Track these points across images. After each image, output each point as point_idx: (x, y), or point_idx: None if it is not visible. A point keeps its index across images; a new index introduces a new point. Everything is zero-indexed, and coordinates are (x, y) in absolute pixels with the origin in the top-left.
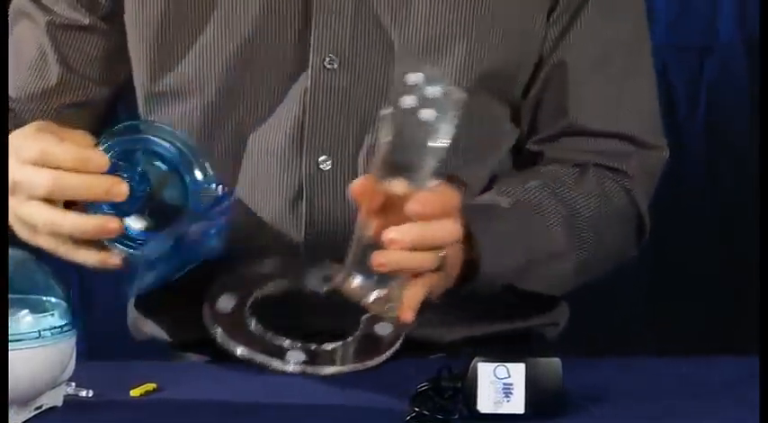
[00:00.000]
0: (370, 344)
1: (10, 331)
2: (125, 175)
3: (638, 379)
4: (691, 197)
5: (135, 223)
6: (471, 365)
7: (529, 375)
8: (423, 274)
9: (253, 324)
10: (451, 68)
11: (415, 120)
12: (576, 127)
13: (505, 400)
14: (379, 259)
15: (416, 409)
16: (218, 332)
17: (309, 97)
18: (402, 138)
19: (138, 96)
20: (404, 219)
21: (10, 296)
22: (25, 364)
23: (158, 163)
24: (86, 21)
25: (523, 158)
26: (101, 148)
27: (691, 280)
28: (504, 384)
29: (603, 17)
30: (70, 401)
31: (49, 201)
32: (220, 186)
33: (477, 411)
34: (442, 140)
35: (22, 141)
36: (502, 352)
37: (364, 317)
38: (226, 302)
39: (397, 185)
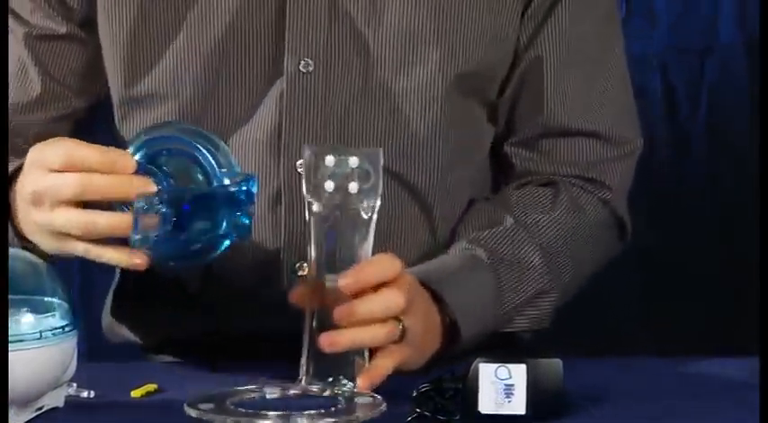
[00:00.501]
0: (354, 411)
1: (11, 332)
2: (152, 176)
3: (638, 379)
4: (691, 197)
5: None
6: (473, 366)
7: (530, 376)
8: (386, 346)
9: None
10: (427, 71)
11: (340, 201)
12: (553, 127)
13: (506, 400)
14: (330, 339)
15: (418, 410)
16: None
17: (286, 101)
18: (335, 224)
19: (114, 101)
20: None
21: (11, 297)
22: (26, 364)
23: (184, 162)
24: (63, 29)
25: (499, 163)
26: (127, 151)
27: (690, 280)
28: (506, 385)
29: (578, 13)
30: (71, 402)
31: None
32: (243, 176)
33: (478, 412)
34: (372, 208)
35: (43, 151)
36: (503, 353)
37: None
38: (206, 406)
39: (340, 278)
